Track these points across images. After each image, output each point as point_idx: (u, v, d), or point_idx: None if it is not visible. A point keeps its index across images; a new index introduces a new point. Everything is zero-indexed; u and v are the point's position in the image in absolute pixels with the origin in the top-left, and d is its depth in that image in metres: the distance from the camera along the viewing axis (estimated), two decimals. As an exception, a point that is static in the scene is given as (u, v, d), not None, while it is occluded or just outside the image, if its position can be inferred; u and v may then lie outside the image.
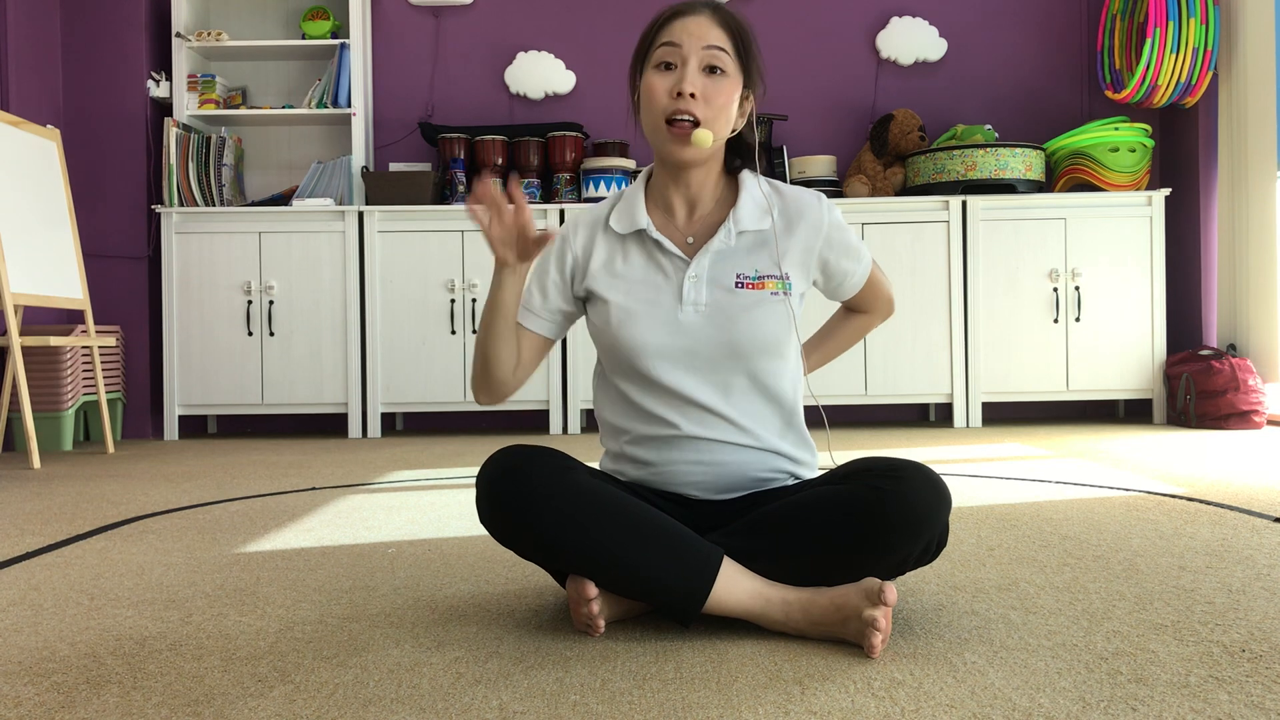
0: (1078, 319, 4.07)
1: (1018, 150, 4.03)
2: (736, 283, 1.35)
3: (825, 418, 1.49)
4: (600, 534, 1.22)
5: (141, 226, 4.28)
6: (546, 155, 4.29)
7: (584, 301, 1.44)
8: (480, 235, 4.08)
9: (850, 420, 4.50)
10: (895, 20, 4.47)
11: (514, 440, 3.86)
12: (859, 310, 1.56)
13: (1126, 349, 4.08)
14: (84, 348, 3.93)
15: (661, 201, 1.41)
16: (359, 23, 4.35)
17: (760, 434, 1.37)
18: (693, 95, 1.30)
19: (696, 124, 1.31)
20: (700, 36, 1.32)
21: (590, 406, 4.09)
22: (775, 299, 1.35)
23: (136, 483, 2.83)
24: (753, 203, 1.38)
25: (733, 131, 1.38)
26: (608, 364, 1.42)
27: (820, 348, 1.60)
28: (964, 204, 4.05)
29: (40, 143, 3.72)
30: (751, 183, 1.40)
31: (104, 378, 4.03)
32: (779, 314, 1.35)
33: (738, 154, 1.43)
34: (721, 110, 1.32)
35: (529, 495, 1.23)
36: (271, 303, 4.12)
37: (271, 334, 4.12)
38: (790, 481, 1.41)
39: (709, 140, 1.31)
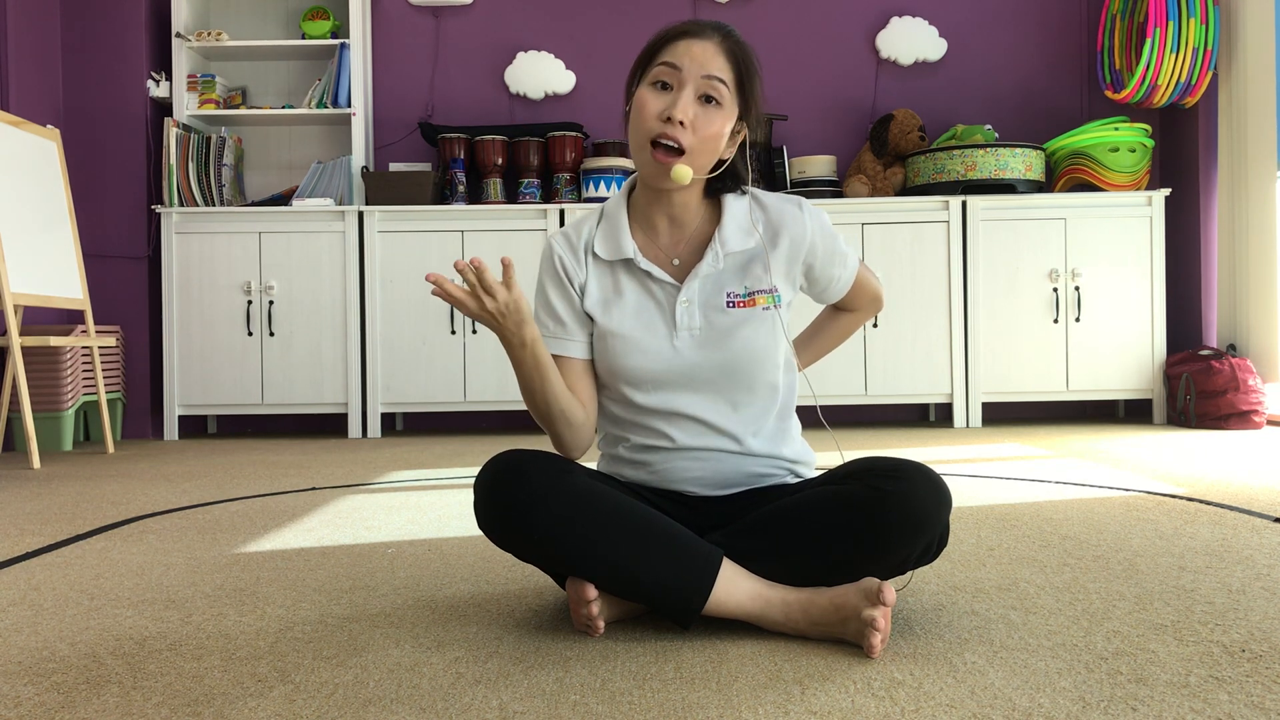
0: (1078, 319, 4.07)
1: (1018, 150, 4.03)
2: (728, 302, 1.35)
3: (824, 419, 1.49)
4: (599, 536, 1.22)
5: (141, 226, 4.28)
6: (546, 155, 4.29)
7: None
8: (480, 236, 4.09)
9: (850, 420, 4.50)
10: (895, 20, 4.47)
11: (514, 441, 3.86)
12: (846, 309, 1.55)
13: (1126, 349, 4.07)
14: (84, 348, 3.93)
15: (644, 220, 1.39)
16: (359, 23, 4.35)
17: (757, 441, 1.37)
18: (682, 123, 1.27)
19: (680, 151, 1.28)
20: (702, 63, 1.29)
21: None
22: (766, 313, 1.35)
23: (136, 483, 2.83)
24: (736, 222, 1.36)
25: (722, 162, 1.36)
26: (605, 382, 1.41)
27: (810, 345, 1.59)
28: (964, 204, 4.05)
29: (40, 143, 3.72)
30: (733, 201, 1.38)
31: (104, 378, 4.03)
32: (771, 327, 1.35)
33: (726, 180, 1.39)
34: (708, 141, 1.30)
35: (527, 499, 1.23)
36: (271, 303, 4.12)
37: (271, 334, 4.12)
38: (790, 478, 1.42)
39: (687, 177, 1.28)
